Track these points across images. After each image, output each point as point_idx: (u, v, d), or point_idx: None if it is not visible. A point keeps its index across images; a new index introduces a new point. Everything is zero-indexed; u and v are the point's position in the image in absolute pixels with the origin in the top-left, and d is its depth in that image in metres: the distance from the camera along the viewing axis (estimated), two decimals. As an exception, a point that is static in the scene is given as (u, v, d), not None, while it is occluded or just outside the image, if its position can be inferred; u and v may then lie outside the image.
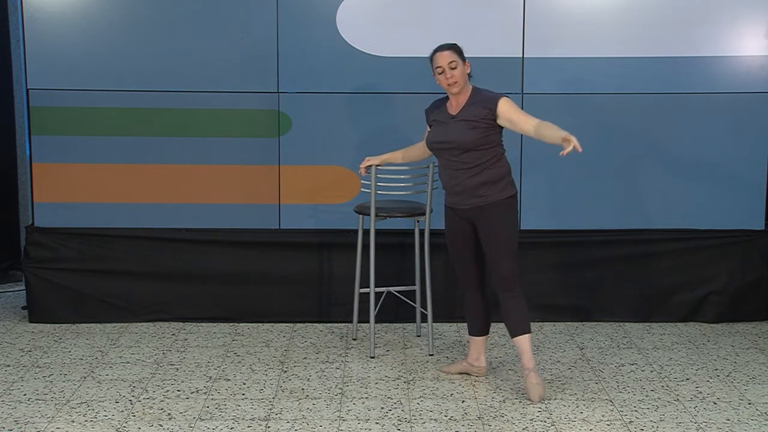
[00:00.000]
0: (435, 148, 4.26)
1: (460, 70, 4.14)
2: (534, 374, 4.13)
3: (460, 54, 4.18)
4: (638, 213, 5.28)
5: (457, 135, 4.14)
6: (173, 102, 5.14)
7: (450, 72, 4.13)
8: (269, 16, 5.09)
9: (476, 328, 4.41)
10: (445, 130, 4.20)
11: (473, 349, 4.43)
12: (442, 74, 4.15)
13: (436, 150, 4.26)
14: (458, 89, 4.15)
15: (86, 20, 5.07)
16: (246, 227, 5.27)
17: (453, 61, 4.14)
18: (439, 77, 4.17)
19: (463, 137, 4.12)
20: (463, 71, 4.16)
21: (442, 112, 4.26)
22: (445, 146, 4.18)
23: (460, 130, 4.13)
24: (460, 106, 4.18)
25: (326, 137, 5.20)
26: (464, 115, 4.15)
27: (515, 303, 4.18)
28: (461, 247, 4.32)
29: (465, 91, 4.19)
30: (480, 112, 4.11)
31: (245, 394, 4.20)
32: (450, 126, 4.18)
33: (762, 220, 5.30)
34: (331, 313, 5.29)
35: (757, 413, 4.00)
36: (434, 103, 4.37)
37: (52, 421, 3.89)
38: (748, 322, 5.33)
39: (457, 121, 4.16)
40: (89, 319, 5.26)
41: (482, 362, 4.41)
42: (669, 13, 5.11)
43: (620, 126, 5.21)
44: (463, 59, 4.17)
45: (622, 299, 5.31)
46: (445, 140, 4.18)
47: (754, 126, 5.20)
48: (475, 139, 4.10)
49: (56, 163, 5.20)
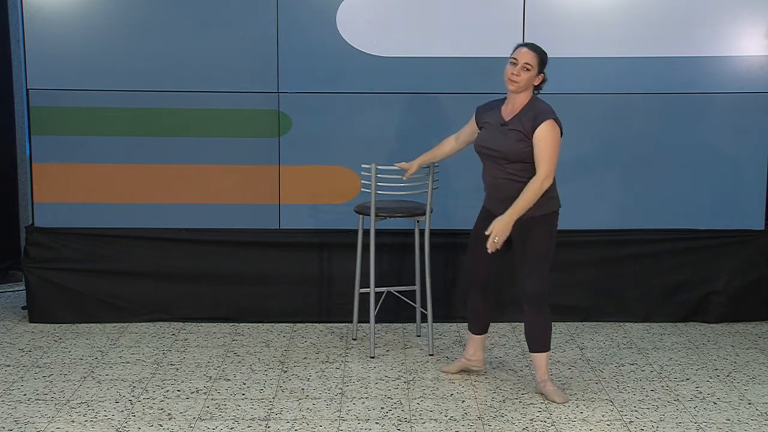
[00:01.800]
0: (482, 152, 4.15)
1: (529, 76, 4.02)
2: (550, 383, 4.16)
3: (542, 63, 4.05)
4: (638, 213, 5.28)
5: (504, 144, 4.03)
6: (173, 102, 5.14)
7: (519, 71, 4.02)
8: (269, 16, 5.09)
9: (475, 327, 4.42)
10: (495, 136, 4.09)
11: (470, 345, 4.44)
12: (512, 65, 4.03)
13: (482, 155, 4.16)
14: (514, 88, 4.03)
15: (86, 20, 5.07)
16: (246, 227, 5.27)
17: (529, 63, 4.02)
18: (508, 66, 4.05)
19: (511, 148, 4.01)
20: (531, 78, 4.03)
21: (495, 115, 4.14)
22: (492, 153, 4.09)
23: (509, 140, 4.03)
24: (514, 113, 4.07)
25: (326, 137, 5.20)
26: (515, 124, 4.04)
27: (537, 319, 4.13)
28: (482, 244, 4.16)
29: (522, 96, 4.07)
30: (527, 124, 4.00)
31: (245, 394, 4.20)
32: (500, 132, 4.07)
33: (762, 220, 5.30)
34: (331, 313, 5.29)
35: (757, 413, 4.00)
36: (489, 103, 4.24)
37: (52, 421, 3.89)
38: (748, 322, 5.33)
39: (508, 129, 4.06)
40: (89, 319, 5.26)
41: (479, 357, 4.42)
42: (669, 13, 5.11)
43: (620, 126, 5.21)
44: (540, 69, 4.05)
45: (622, 299, 5.31)
46: (493, 147, 4.08)
47: (754, 126, 5.20)
48: (522, 151, 4.00)
49: (56, 163, 5.20)
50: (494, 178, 4.12)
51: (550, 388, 4.14)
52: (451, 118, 5.19)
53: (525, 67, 4.02)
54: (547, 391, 4.14)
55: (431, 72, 5.11)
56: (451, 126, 5.20)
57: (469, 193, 5.01)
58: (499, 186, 4.10)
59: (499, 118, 4.11)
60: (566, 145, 5.18)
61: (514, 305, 4.96)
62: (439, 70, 5.12)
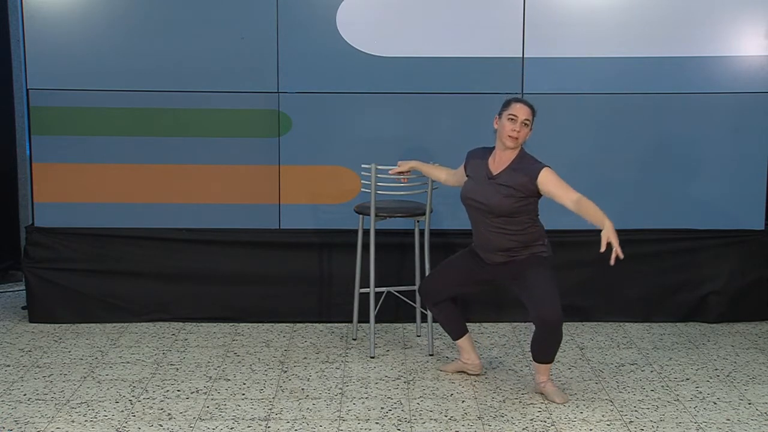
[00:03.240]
0: (468, 204, 4.16)
1: (527, 132, 4.06)
2: (550, 383, 4.16)
3: (533, 119, 4.08)
4: (638, 213, 5.27)
5: (491, 199, 4.04)
6: (173, 102, 5.14)
7: (520, 127, 4.03)
8: (269, 16, 5.09)
9: (455, 333, 4.44)
10: (481, 189, 4.10)
11: (462, 351, 4.46)
12: (511, 122, 4.02)
13: (468, 206, 4.17)
14: (514, 145, 4.04)
15: (86, 20, 5.07)
16: (246, 227, 5.27)
17: (528, 119, 4.04)
18: (507, 123, 4.03)
19: (498, 203, 4.02)
20: (527, 134, 4.07)
21: (482, 167, 4.14)
22: (478, 206, 4.10)
23: (496, 195, 4.03)
24: (502, 167, 4.07)
25: (326, 137, 5.20)
26: (503, 179, 4.04)
27: (550, 339, 4.07)
28: (460, 277, 4.29)
29: (513, 152, 4.08)
30: (520, 180, 4.00)
31: (245, 394, 4.20)
32: (486, 186, 4.08)
33: (762, 220, 5.30)
34: (331, 313, 5.29)
35: (757, 413, 4.01)
36: (478, 151, 4.23)
37: (52, 421, 3.89)
38: (748, 322, 5.33)
39: (495, 183, 4.06)
40: (89, 319, 5.26)
41: (474, 359, 4.43)
42: (669, 13, 5.11)
43: (620, 126, 5.21)
44: (531, 125, 4.08)
45: (622, 299, 5.31)
46: (478, 201, 4.09)
47: (754, 126, 5.20)
48: (509, 206, 4.01)
49: (56, 163, 5.19)
50: (481, 229, 4.14)
51: (550, 388, 4.14)
52: (451, 118, 5.20)
53: (524, 123, 4.05)
54: (547, 391, 4.14)
55: (431, 72, 5.11)
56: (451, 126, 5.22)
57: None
58: (491, 240, 4.11)
59: (486, 170, 4.12)
60: (566, 145, 5.21)
61: (514, 305, 4.97)
62: (439, 70, 5.12)
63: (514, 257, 4.12)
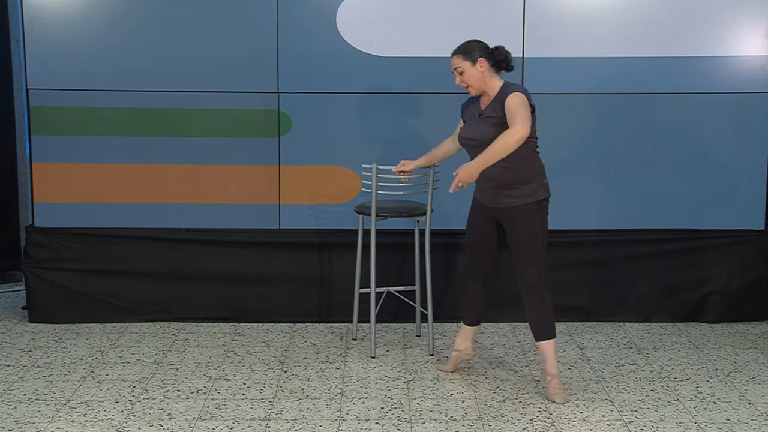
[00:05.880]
0: (464, 144, 4.23)
1: (469, 74, 4.08)
2: (557, 380, 4.15)
3: (468, 55, 4.07)
4: (638, 213, 5.28)
5: (481, 132, 4.08)
6: (173, 102, 5.14)
7: (458, 77, 4.12)
8: (269, 16, 5.09)
9: (468, 318, 4.44)
10: (473, 126, 4.16)
11: (459, 336, 4.46)
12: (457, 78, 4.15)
13: (466, 146, 4.22)
14: (474, 92, 4.11)
15: (86, 20, 5.07)
16: (246, 227, 5.27)
17: (457, 66, 4.10)
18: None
19: (486, 135, 4.04)
20: (473, 73, 4.07)
21: (475, 108, 4.20)
22: (472, 143, 4.13)
23: (484, 128, 4.07)
24: (488, 102, 4.13)
25: (326, 137, 5.20)
26: (488, 111, 4.08)
27: (540, 307, 4.13)
28: (479, 237, 4.27)
29: (492, 88, 4.09)
30: (500, 108, 4.02)
31: (245, 394, 4.20)
32: (477, 123, 4.14)
33: (762, 220, 5.30)
34: (331, 313, 5.30)
35: (757, 413, 4.01)
36: (471, 98, 4.28)
37: (52, 421, 3.89)
38: (749, 322, 5.33)
39: (483, 117, 4.11)
40: (89, 319, 5.26)
41: (467, 345, 4.44)
42: (669, 13, 5.11)
43: (620, 126, 5.21)
44: (472, 60, 4.06)
45: (622, 299, 5.31)
46: (471, 137, 4.14)
47: (754, 126, 5.20)
48: (497, 135, 3.97)
49: (56, 163, 5.20)
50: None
51: (554, 386, 4.12)
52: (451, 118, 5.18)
53: (458, 71, 4.11)
54: (551, 387, 4.13)
55: (431, 72, 5.11)
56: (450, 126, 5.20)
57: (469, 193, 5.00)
58: (487, 176, 4.09)
59: (477, 109, 4.17)
60: (566, 144, 5.21)
61: (514, 305, 4.98)
62: (439, 70, 5.11)
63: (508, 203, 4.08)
